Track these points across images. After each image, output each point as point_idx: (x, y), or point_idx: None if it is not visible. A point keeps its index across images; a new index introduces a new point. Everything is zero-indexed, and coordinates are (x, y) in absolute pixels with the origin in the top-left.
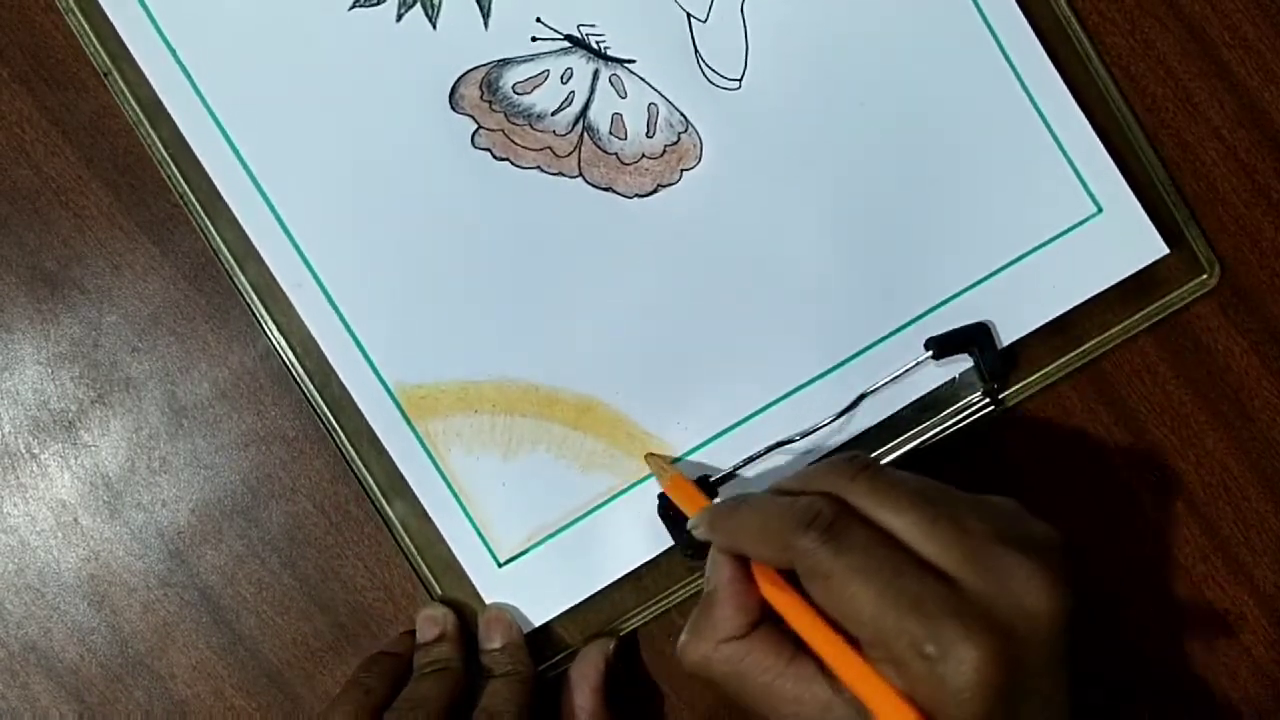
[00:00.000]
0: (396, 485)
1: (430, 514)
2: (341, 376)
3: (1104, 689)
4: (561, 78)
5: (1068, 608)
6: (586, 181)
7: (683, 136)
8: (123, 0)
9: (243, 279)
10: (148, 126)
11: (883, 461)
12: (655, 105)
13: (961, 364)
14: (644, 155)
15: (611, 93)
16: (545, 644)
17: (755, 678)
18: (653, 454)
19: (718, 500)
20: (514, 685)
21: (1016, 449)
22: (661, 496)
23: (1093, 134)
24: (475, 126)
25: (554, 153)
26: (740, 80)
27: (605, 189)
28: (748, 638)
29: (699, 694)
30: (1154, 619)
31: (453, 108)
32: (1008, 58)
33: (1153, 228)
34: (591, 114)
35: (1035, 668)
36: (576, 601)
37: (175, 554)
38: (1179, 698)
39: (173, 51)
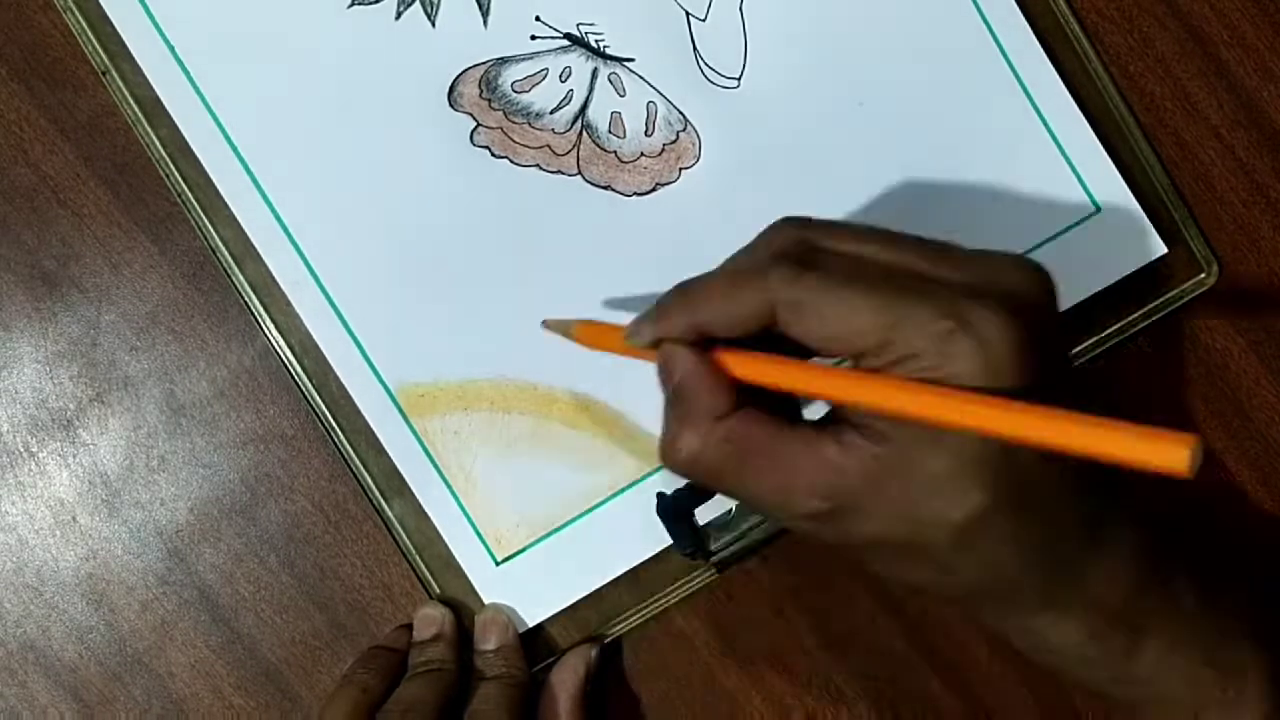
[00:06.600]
0: (395, 484)
1: (428, 512)
2: (340, 375)
3: None
4: (560, 76)
5: (1048, 281)
6: (585, 180)
7: (681, 135)
8: None
9: (241, 278)
10: (146, 125)
11: None
12: (654, 104)
13: None
14: (643, 154)
15: (610, 91)
16: (540, 645)
17: (754, 454)
18: (547, 319)
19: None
20: (505, 689)
21: None
22: (660, 495)
23: (1091, 133)
24: (474, 124)
25: (553, 151)
26: (739, 79)
27: (604, 187)
28: (736, 414)
29: (685, 699)
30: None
31: (451, 105)
32: (1006, 57)
33: (1151, 227)
34: (590, 112)
35: (1045, 332)
36: (574, 600)
37: (174, 553)
38: None
39: (171, 50)
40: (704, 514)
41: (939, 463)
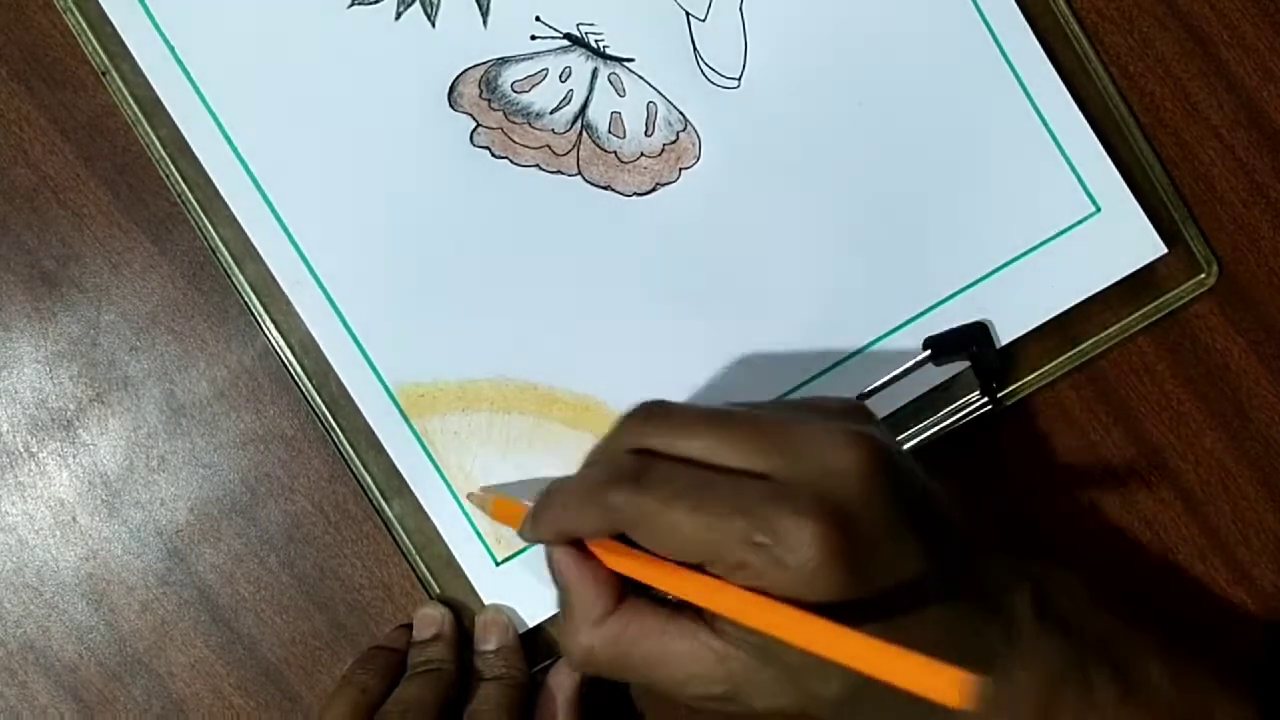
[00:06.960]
0: (395, 484)
1: (428, 513)
2: (340, 375)
3: None
4: (560, 76)
5: (875, 454)
6: (585, 180)
7: (681, 135)
8: None
9: (241, 278)
10: (146, 125)
11: None
12: (654, 104)
13: (960, 363)
14: (642, 154)
15: (610, 91)
16: (540, 645)
17: (641, 648)
18: (471, 493)
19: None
20: (505, 689)
21: (1015, 448)
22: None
23: (1091, 133)
24: (474, 124)
25: (553, 151)
26: (739, 79)
27: (604, 187)
28: (620, 611)
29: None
30: (1151, 619)
31: (451, 106)
32: (1006, 57)
33: (1151, 227)
34: (590, 112)
35: (868, 521)
36: None
37: (174, 553)
38: None
39: (171, 50)
40: None
41: (798, 650)
